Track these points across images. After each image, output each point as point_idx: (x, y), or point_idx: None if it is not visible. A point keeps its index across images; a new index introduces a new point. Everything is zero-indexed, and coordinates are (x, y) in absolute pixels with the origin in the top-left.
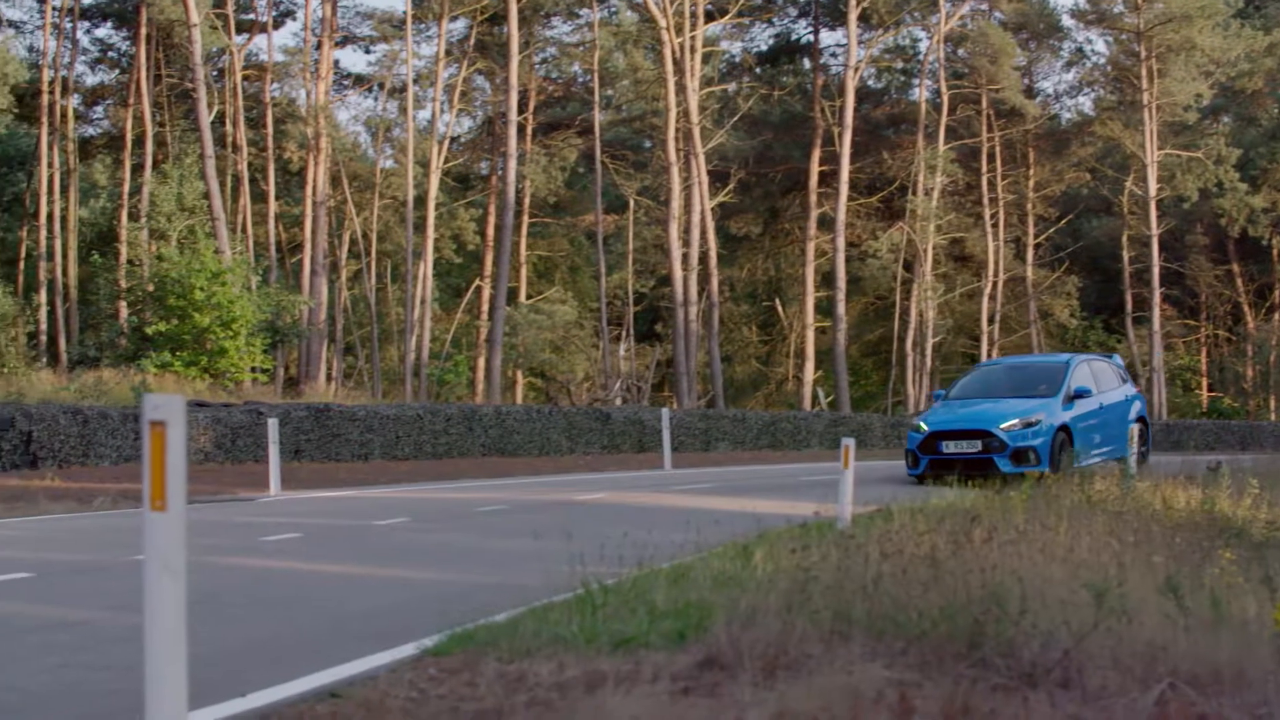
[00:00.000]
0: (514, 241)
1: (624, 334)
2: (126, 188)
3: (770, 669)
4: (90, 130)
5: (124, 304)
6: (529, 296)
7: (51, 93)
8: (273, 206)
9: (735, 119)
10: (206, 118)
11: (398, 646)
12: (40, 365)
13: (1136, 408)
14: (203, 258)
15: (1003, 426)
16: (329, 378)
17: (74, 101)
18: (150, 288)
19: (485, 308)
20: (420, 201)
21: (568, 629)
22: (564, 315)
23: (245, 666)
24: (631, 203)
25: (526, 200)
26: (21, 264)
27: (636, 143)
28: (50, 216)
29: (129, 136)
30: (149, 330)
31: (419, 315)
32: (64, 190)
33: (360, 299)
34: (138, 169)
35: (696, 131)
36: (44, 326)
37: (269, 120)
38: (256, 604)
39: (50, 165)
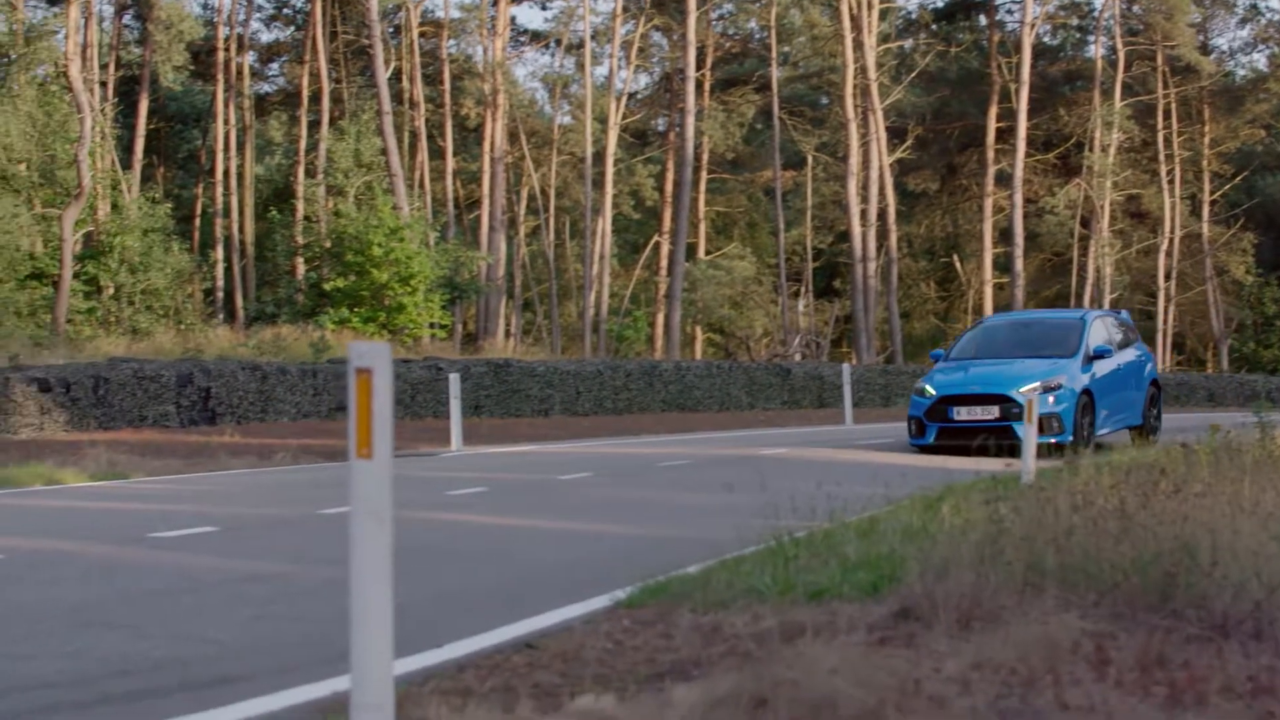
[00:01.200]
0: (692, 197)
1: (802, 290)
2: (303, 144)
3: (965, 620)
4: (266, 87)
5: (301, 260)
6: (708, 252)
7: (227, 50)
8: (450, 163)
9: (912, 76)
10: (384, 74)
11: (590, 599)
12: (217, 322)
13: (1149, 369)
14: (380, 214)
15: (1022, 390)
16: (507, 334)
17: (249, 59)
18: (328, 244)
19: (664, 263)
20: (598, 158)
21: (760, 581)
22: (742, 271)
23: (437, 618)
24: (810, 159)
25: (705, 156)
26: (198, 221)
27: (814, 99)
28: (226, 173)
29: (305, 93)
30: (326, 286)
31: (597, 271)
32: (240, 147)
33: (538, 255)
34: (314, 126)
35: (874, 88)
36: (220, 283)
37: (446, 77)
38: (445, 557)
39: (226, 122)
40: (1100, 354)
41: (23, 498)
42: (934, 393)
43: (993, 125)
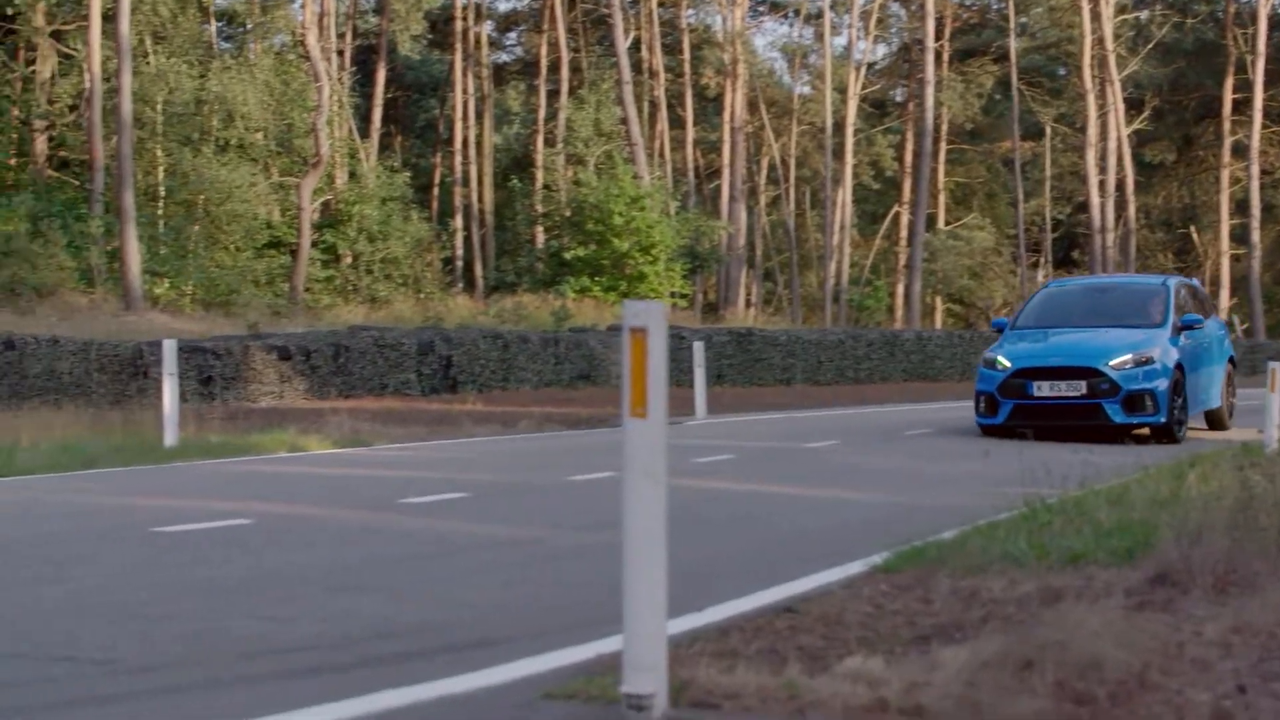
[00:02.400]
0: (931, 168)
1: (1041, 260)
2: (541, 113)
3: (1220, 585)
4: (503, 56)
5: (540, 229)
6: (947, 223)
7: (465, 19)
8: (690, 132)
9: (1149, 47)
10: (623, 43)
11: (846, 564)
12: (457, 290)
13: (1226, 344)
14: (621, 183)
15: (1112, 364)
16: (748, 303)
17: (487, 28)
18: (568, 213)
19: (904, 234)
20: (838, 128)
21: (1016, 546)
22: (982, 241)
23: (694, 582)
24: (1048, 130)
25: (944, 127)
26: (436, 190)
27: (1052, 70)
28: (465, 143)
29: (543, 63)
30: (567, 255)
31: (838, 241)
32: (478, 116)
33: (778, 225)
34: (552, 95)
35: (1111, 59)
36: (459, 252)
37: (685, 46)
38: (697, 523)
39: (464, 92)
40: (1190, 325)
41: (269, 464)
42: (1008, 365)
43: (1229, 97)
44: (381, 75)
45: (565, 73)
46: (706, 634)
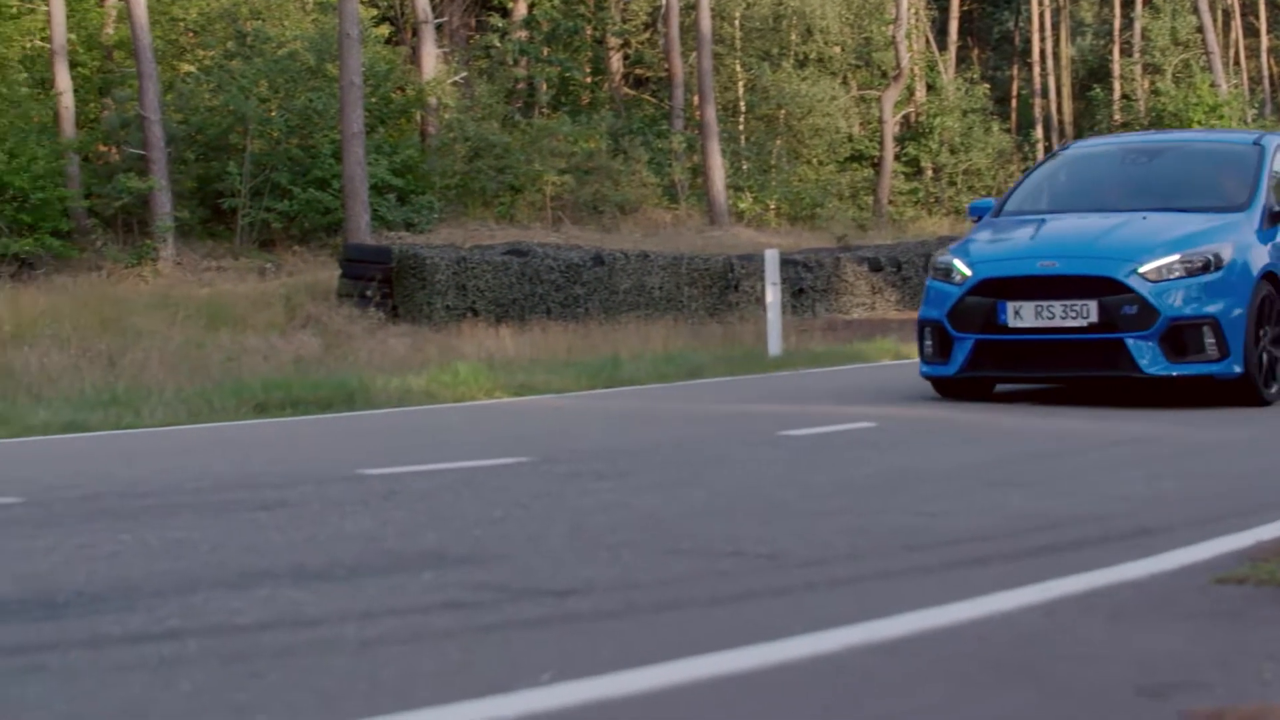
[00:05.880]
0: None
1: None
2: (1117, 24)
3: None
4: None
5: None
6: None
7: None
8: (1264, 40)
9: None
10: None
11: None
12: None
13: None
14: (1199, 91)
15: (1145, 270)
16: None
17: None
18: (1146, 123)
19: None
20: None
21: None
22: None
23: None
24: None
25: None
26: (1014, 102)
27: None
28: (1042, 55)
29: None
30: None
31: None
32: (1054, 28)
33: None
34: (1127, 4)
35: None
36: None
37: None
38: None
39: (1040, 4)
40: None
41: (876, 370)
42: (968, 274)
43: None
44: None
45: None
46: None
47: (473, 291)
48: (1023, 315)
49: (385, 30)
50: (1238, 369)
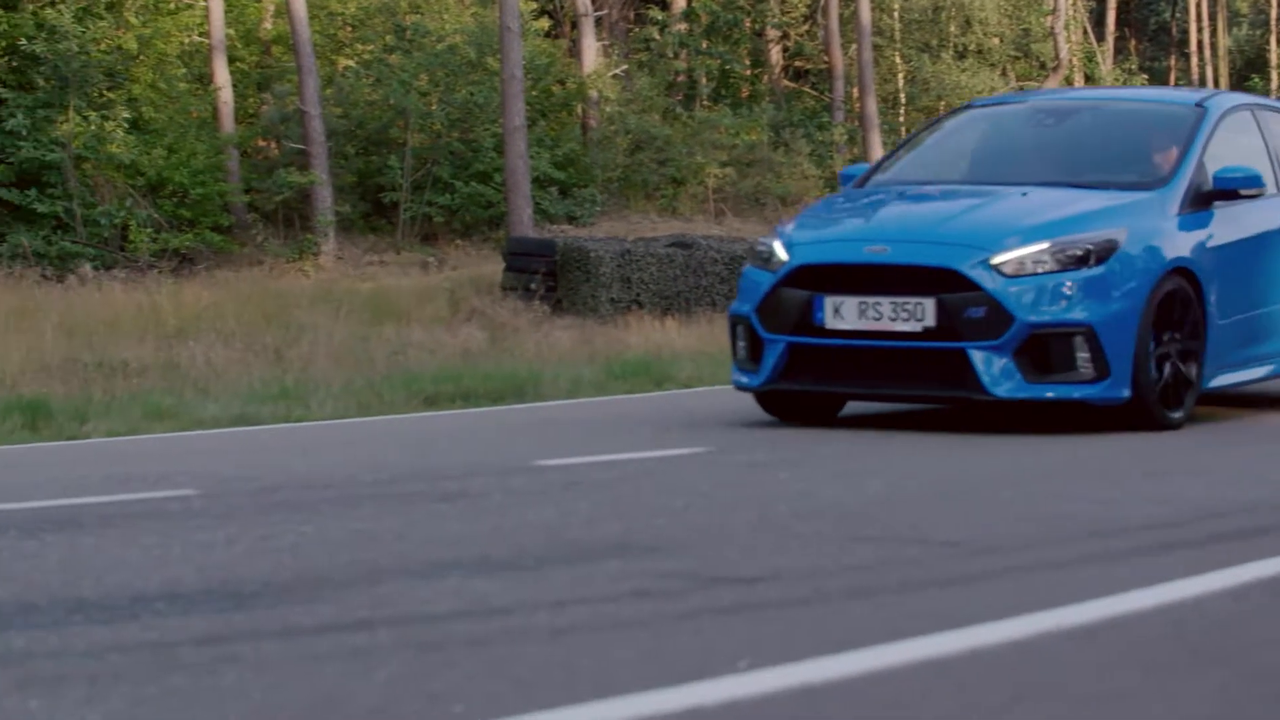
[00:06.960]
0: None
1: None
2: (1274, 14)
3: None
4: None
5: None
6: None
7: None
8: None
9: None
10: None
11: None
12: None
13: None
14: None
15: (995, 262)
16: None
17: None
18: None
19: None
20: None
21: None
22: None
23: None
24: None
25: None
26: None
27: None
28: (1199, 45)
29: None
30: None
31: None
32: (1211, 18)
33: None
34: None
35: None
36: None
37: None
38: None
39: None
40: (1227, 189)
41: None
42: (785, 259)
43: None
44: None
45: None
46: None
47: (637, 284)
48: (843, 314)
49: (545, 24)
50: (1125, 392)
